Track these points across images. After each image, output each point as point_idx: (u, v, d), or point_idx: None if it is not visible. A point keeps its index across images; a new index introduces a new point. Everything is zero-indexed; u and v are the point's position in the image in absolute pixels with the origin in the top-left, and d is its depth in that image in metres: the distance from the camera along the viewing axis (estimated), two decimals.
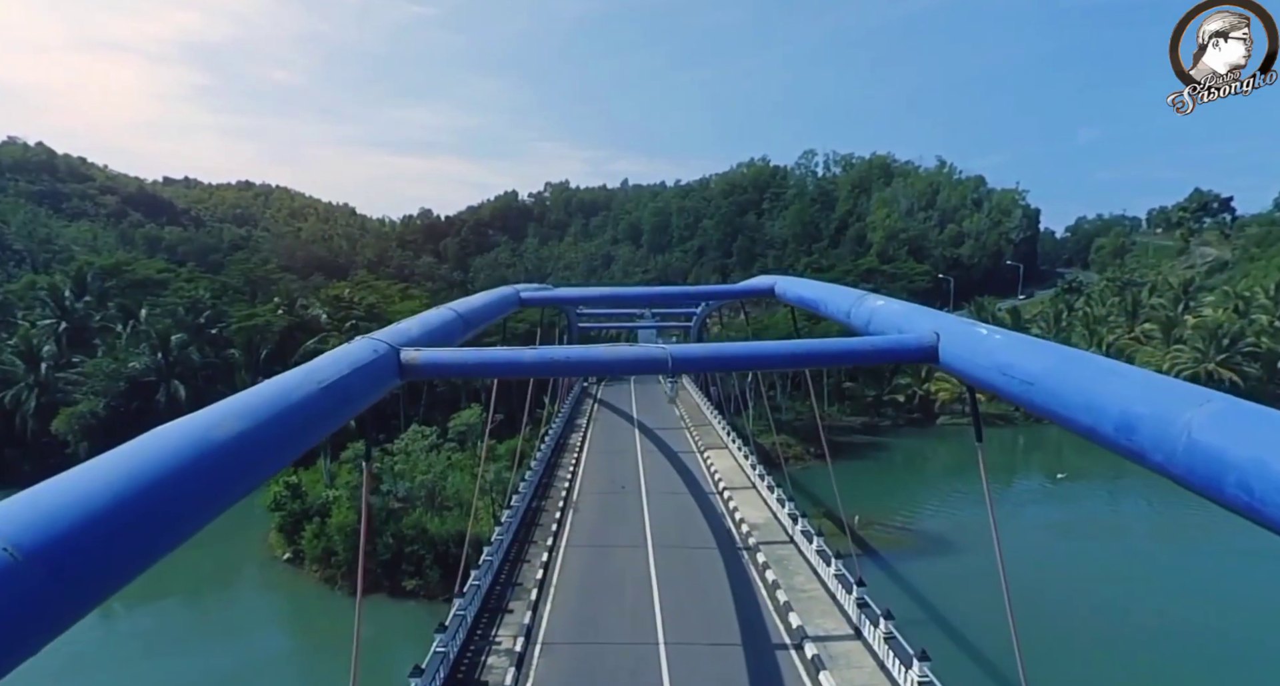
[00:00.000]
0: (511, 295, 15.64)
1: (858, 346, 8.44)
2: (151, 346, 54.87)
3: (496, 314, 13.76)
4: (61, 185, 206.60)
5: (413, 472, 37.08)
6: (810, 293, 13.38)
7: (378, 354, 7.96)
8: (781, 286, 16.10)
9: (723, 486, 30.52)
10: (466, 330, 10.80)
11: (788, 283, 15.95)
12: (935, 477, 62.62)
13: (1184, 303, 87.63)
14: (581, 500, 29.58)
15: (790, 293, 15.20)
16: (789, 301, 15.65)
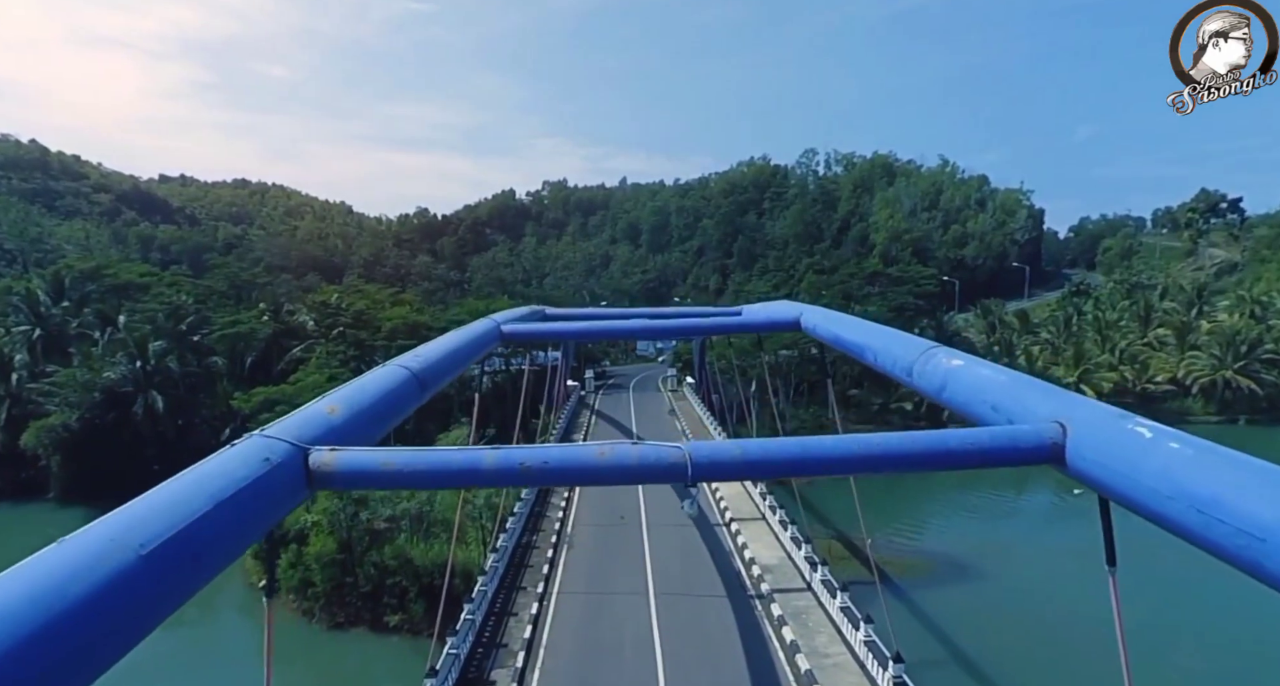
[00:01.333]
0: (490, 331, 13.21)
1: (946, 444, 5.98)
2: (129, 354, 52.44)
3: (469, 358, 11.46)
4: (54, 183, 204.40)
5: (398, 494, 34.74)
6: (851, 334, 10.97)
7: (270, 464, 5.58)
8: (810, 319, 13.60)
9: (729, 517, 28.15)
10: (425, 391, 8.52)
11: (818, 315, 13.50)
12: (946, 492, 60.29)
13: (1198, 307, 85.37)
14: (577, 534, 27.23)
15: (822, 328, 12.70)
16: (820, 339, 13.26)
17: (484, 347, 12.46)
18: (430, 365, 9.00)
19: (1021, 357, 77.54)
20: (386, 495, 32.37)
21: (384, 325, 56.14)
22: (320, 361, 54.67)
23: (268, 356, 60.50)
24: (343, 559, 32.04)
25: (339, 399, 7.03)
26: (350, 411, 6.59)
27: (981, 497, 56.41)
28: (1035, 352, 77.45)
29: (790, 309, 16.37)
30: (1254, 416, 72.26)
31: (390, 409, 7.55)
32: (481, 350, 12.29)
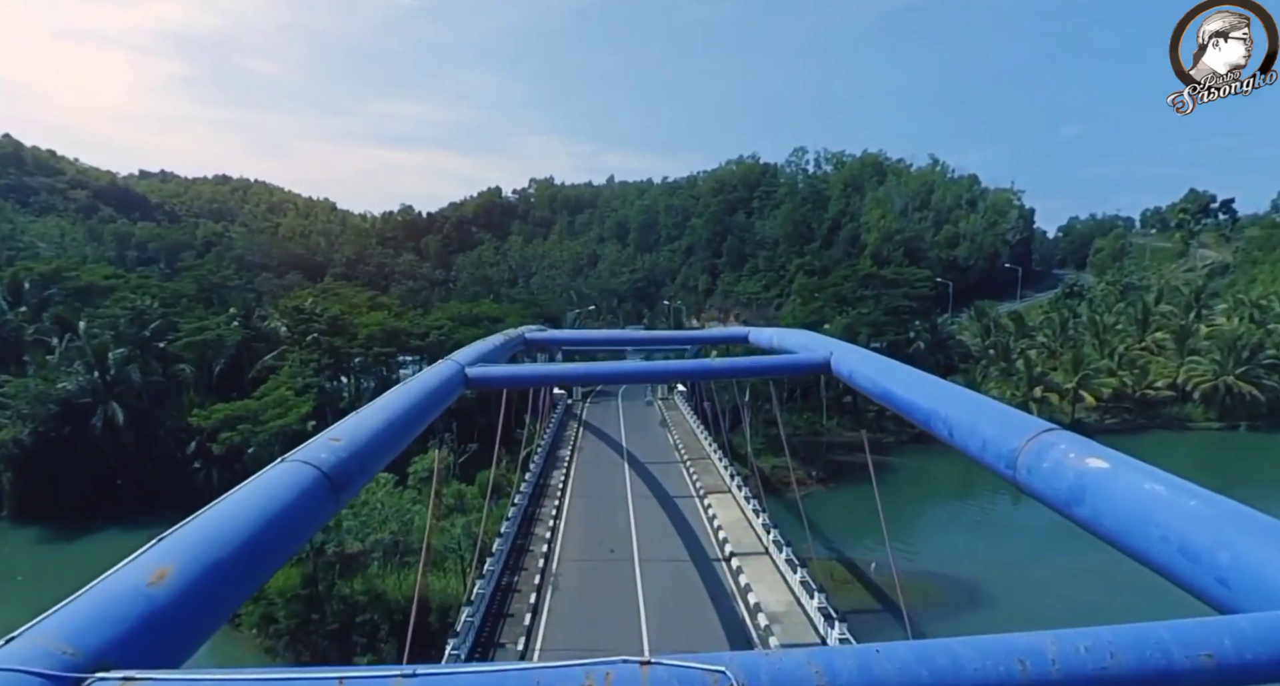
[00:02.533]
0: (453, 377, 10.57)
1: None
2: (87, 363, 49.42)
3: (422, 421, 8.95)
4: (29, 179, 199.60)
5: (371, 520, 32.14)
6: (910, 391, 8.39)
7: None
8: (845, 363, 10.81)
9: (730, 551, 25.79)
10: (340, 495, 6.14)
11: (854, 358, 10.79)
12: (948, 504, 58.35)
13: (1196, 310, 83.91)
14: (562, 571, 24.78)
15: (863, 377, 9.98)
16: (859, 389, 10.69)
17: (444, 401, 10.04)
18: (357, 451, 6.58)
19: (1019, 362, 75.79)
20: (353, 526, 29.78)
21: (360, 331, 53.38)
22: (292, 370, 51.85)
23: (238, 364, 57.61)
24: (307, 594, 29.44)
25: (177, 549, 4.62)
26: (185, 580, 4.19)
27: (981, 510, 54.48)
28: (1033, 357, 75.63)
29: (813, 344, 13.64)
30: (1255, 423, 70.86)
31: (258, 553, 5.20)
32: (440, 405, 9.87)
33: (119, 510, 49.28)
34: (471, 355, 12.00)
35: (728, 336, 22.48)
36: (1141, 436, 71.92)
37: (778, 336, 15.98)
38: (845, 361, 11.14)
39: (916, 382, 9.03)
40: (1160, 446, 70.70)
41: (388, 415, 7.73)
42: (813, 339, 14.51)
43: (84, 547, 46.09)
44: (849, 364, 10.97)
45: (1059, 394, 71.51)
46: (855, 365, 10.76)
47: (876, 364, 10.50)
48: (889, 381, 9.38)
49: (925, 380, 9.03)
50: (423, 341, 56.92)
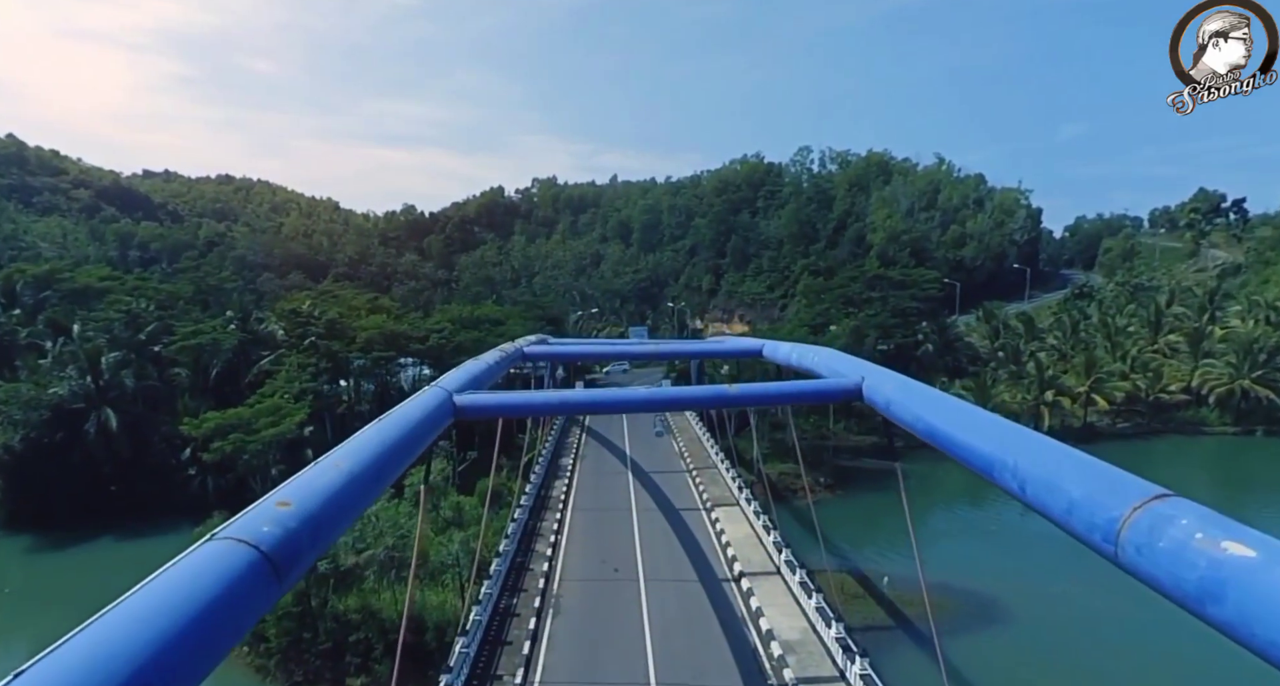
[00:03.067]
0: (440, 406, 9.47)
1: None
2: (80, 368, 48.38)
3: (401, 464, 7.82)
4: (31, 179, 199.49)
5: (366, 533, 30.98)
6: (967, 432, 7.19)
7: None
8: (881, 390, 9.57)
9: (739, 570, 24.57)
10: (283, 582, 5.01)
11: (890, 385, 9.35)
12: (959, 512, 56.96)
13: (1209, 312, 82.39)
14: (564, 593, 23.59)
15: (903, 409, 8.60)
16: (898, 423, 9.30)
17: (428, 436, 8.88)
18: (310, 518, 5.41)
19: (1030, 365, 74.44)
20: (346, 541, 28.62)
21: (359, 335, 52.23)
22: (290, 374, 50.75)
23: (235, 367, 56.58)
24: (299, 611, 28.31)
25: None
26: None
27: (995, 518, 53.11)
28: (1043, 359, 74.25)
29: (840, 365, 12.27)
30: (1272, 428, 69.38)
31: None
32: (424, 441, 8.72)
33: (112, 518, 48.29)
34: (462, 379, 10.79)
35: (740, 350, 20.97)
36: (1155, 441, 70.58)
37: (797, 353, 14.69)
38: (880, 389, 9.90)
39: (975, 421, 7.72)
40: (1174, 452, 69.33)
41: (360, 459, 6.60)
42: (839, 360, 13.12)
43: (75, 556, 45.07)
44: (885, 392, 9.72)
45: (1071, 397, 70.17)
46: (892, 394, 9.51)
47: (919, 394, 9.23)
48: (936, 416, 8.13)
49: (985, 419, 7.74)
50: (423, 345, 55.76)
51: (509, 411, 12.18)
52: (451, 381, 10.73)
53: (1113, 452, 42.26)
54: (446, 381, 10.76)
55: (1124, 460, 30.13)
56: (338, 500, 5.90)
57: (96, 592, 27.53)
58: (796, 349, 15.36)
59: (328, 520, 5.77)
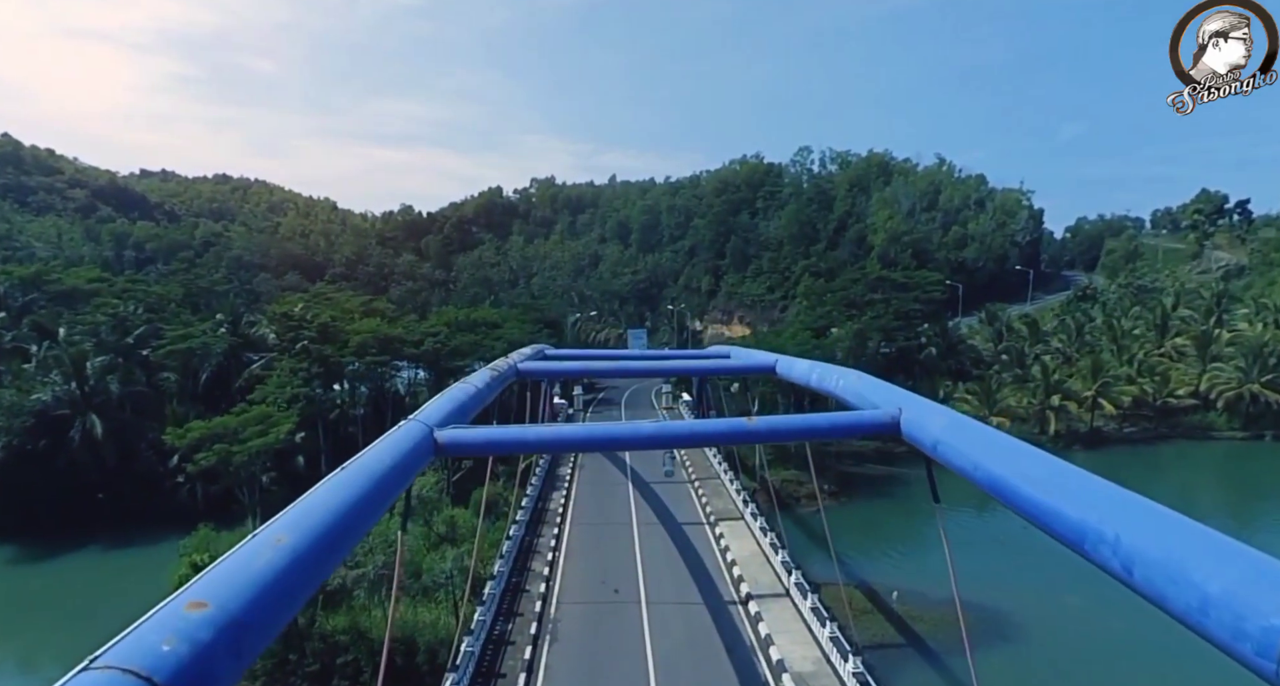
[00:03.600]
0: (420, 443, 8.30)
1: None
2: (64, 373, 47.07)
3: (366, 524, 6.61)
4: (27, 178, 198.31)
5: (356, 550, 29.74)
6: (1048, 491, 5.72)
7: None
8: (925, 426, 8.23)
9: (746, 592, 23.35)
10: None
11: (941, 422, 8.01)
12: (967, 519, 55.66)
13: (1216, 315, 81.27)
14: (561, 617, 22.36)
15: (953, 450, 7.39)
16: (950, 467, 7.90)
17: (406, 479, 7.68)
18: (234, 622, 4.19)
19: (1034, 368, 73.30)
20: None
21: (352, 339, 50.94)
22: (281, 379, 49.49)
23: (226, 372, 55.29)
24: (285, 631, 27.04)
25: None
26: None
27: (1004, 527, 51.84)
28: (1048, 363, 73.10)
29: (871, 392, 10.90)
30: None
31: None
32: (402, 484, 7.53)
33: (98, 527, 47.02)
34: (445, 410, 9.51)
35: (752, 367, 19.64)
36: (1162, 446, 69.47)
37: (817, 374, 13.29)
38: (924, 425, 8.59)
39: (1056, 476, 6.27)
40: (1182, 457, 68.20)
41: (312, 527, 5.35)
42: (869, 386, 11.61)
43: (58, 568, 43.77)
44: (930, 429, 8.38)
45: (1077, 402, 69.04)
46: (941, 432, 8.16)
47: (975, 435, 7.82)
48: (1003, 465, 6.71)
49: (1069, 473, 6.29)
50: (417, 349, 54.50)
51: (498, 448, 10.87)
52: (433, 413, 9.44)
53: (1120, 458, 41.05)
54: (427, 413, 9.48)
55: (1132, 465, 28.64)
56: (274, 591, 4.60)
57: (77, 607, 25.99)
58: (817, 369, 13.89)
59: (259, 621, 4.47)
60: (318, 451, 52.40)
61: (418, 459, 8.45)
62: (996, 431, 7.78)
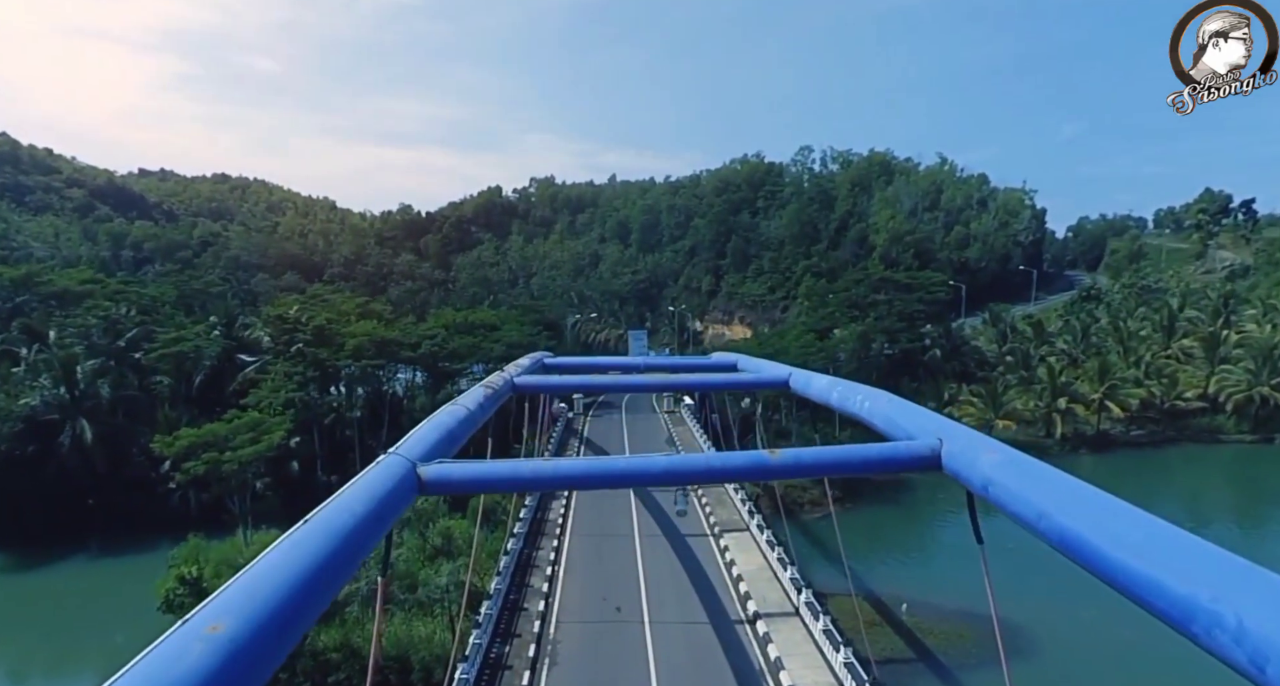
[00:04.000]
0: (403, 481, 7.15)
1: None
2: (54, 377, 46.11)
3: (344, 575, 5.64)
4: (25, 177, 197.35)
5: None
6: (1138, 553, 4.49)
7: None
8: (975, 461, 6.62)
9: (754, 610, 22.40)
10: None
11: (993, 458, 6.43)
12: (966, 522, 54.75)
13: (1224, 316, 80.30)
14: (561, 637, 21.43)
15: (1006, 491, 6.62)
16: (1003, 509, 6.79)
17: (385, 524, 6.74)
18: None
19: (1040, 370, 72.37)
20: None
21: (348, 342, 49.96)
22: (275, 383, 48.54)
23: (220, 375, 54.32)
24: None
25: None
26: None
27: (1013, 534, 50.86)
28: (1054, 365, 72.16)
29: (899, 414, 9.74)
30: None
31: None
32: (380, 531, 6.58)
33: (89, 533, 46.13)
34: (431, 440, 8.46)
35: (764, 382, 18.62)
36: (1169, 449, 68.59)
37: (839, 392, 12.24)
38: (971, 460, 7.43)
39: (1152, 537, 5.08)
40: (1191, 461, 67.32)
41: (255, 609, 4.37)
42: (899, 409, 10.38)
43: (48, 576, 42.87)
44: (979, 466, 7.21)
45: (1084, 405, 68.09)
46: (992, 471, 7.02)
47: (1037, 477, 6.62)
48: (1077, 518, 5.44)
49: (1167, 534, 5.18)
50: (414, 352, 53.52)
51: (490, 485, 9.87)
52: (417, 444, 8.40)
53: (1128, 462, 39.69)
54: (410, 444, 8.43)
55: (1141, 469, 27.28)
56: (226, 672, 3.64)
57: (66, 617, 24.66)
58: (838, 386, 12.85)
59: None
60: (313, 456, 51.47)
61: (398, 501, 7.47)
62: (1062, 473, 6.70)
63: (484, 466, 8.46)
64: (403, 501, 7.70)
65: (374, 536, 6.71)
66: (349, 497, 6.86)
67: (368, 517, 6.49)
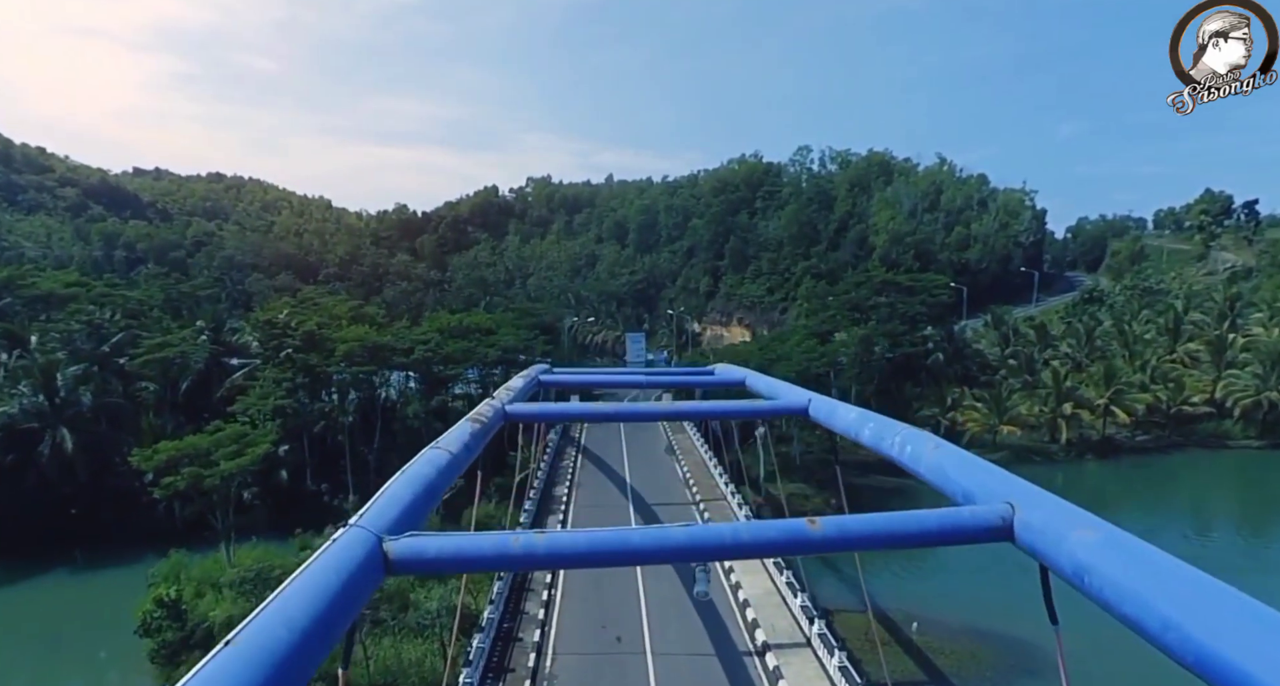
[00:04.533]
0: (368, 558, 5.76)
1: None
2: (34, 384, 44.68)
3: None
4: (17, 176, 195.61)
5: None
6: None
7: None
8: (1082, 552, 5.00)
9: (762, 641, 21.12)
10: None
11: (1103, 542, 5.16)
12: None
13: (1230, 319, 79.21)
14: (558, 671, 20.12)
15: (1154, 620, 4.56)
16: (1172, 654, 5.47)
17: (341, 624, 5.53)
18: None
19: (1045, 375, 71.22)
20: None
21: (339, 348, 48.58)
22: (264, 389, 47.17)
23: (207, 381, 52.92)
24: None
25: None
26: None
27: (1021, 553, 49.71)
28: (1059, 370, 70.99)
29: (958, 470, 8.43)
30: None
31: None
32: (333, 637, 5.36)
33: (71, 545, 44.71)
34: (401, 503, 7.00)
35: (780, 410, 17.31)
36: (1175, 455, 67.55)
37: (872, 429, 10.76)
38: (1056, 536, 5.95)
39: None
40: (1197, 467, 66.28)
41: None
42: (953, 459, 8.71)
43: (26, 591, 41.44)
44: (1068, 545, 5.70)
45: (1090, 410, 66.95)
46: (1088, 553, 5.36)
47: (1154, 567, 5.17)
48: (1221, 633, 4.34)
49: None
50: (407, 358, 52.13)
51: (471, 565, 8.10)
52: (383, 514, 6.88)
53: (1134, 468, 38.15)
54: (375, 514, 6.88)
55: (1147, 476, 25.64)
56: None
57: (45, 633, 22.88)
58: (870, 422, 11.24)
59: None
60: (303, 464, 50.08)
61: (358, 589, 6.09)
62: (1190, 567, 5.31)
63: (464, 541, 7.09)
64: (364, 588, 6.38)
65: (333, 630, 5.44)
66: (301, 586, 5.59)
67: (323, 614, 5.24)
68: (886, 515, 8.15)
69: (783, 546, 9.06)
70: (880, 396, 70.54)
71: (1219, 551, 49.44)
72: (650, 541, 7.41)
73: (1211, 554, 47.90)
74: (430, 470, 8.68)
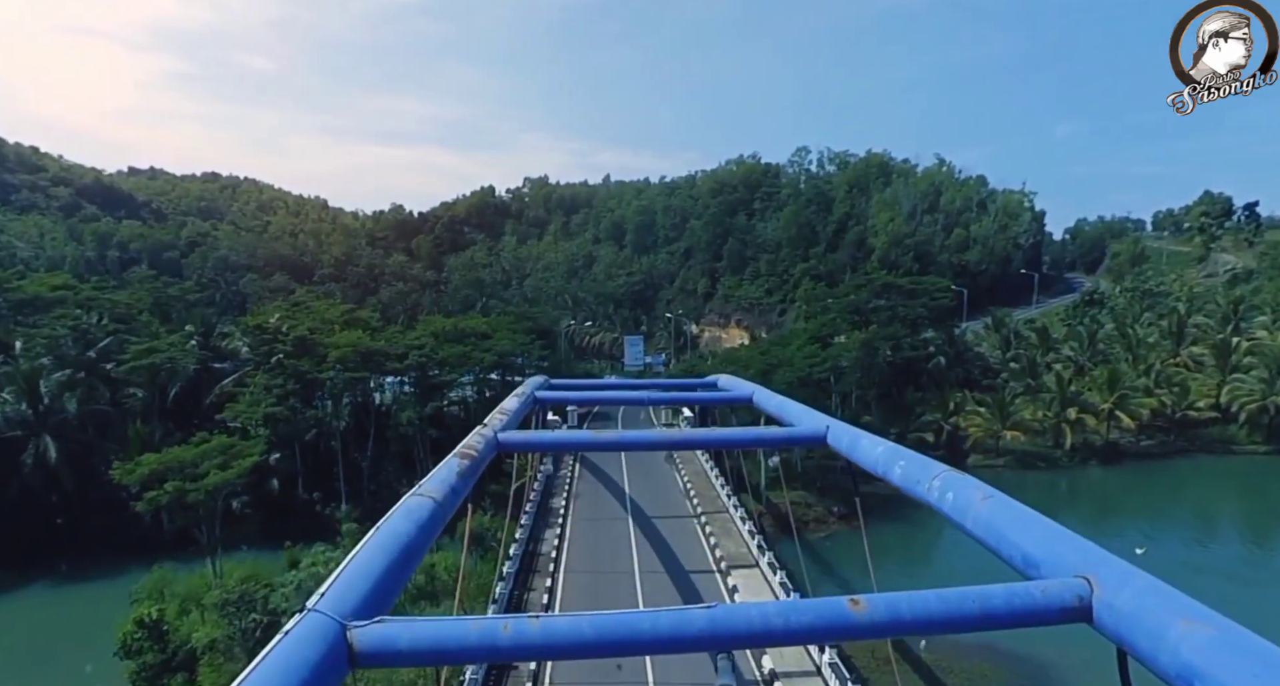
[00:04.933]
0: (328, 644, 5.13)
1: None
2: (17, 391, 43.55)
3: None
4: (9, 176, 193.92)
5: None
6: None
7: None
8: (1184, 649, 4.85)
9: (770, 669, 20.15)
10: None
11: (1218, 645, 4.66)
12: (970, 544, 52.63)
13: (1234, 323, 78.40)
14: None
15: None
16: None
17: None
18: None
19: (1049, 379, 70.36)
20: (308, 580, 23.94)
21: (331, 353, 47.49)
22: (254, 396, 46.09)
23: (197, 387, 51.82)
24: None
25: None
26: None
27: None
28: (1063, 374, 70.12)
29: (1014, 528, 7.20)
30: None
31: None
32: None
33: (57, 556, 43.60)
34: (370, 578, 5.84)
35: (796, 439, 16.19)
36: (1180, 460, 66.71)
37: (903, 468, 9.57)
38: (1159, 625, 4.87)
39: None
40: (1202, 473, 65.44)
41: None
42: (1003, 510, 7.55)
43: (9, 603, 40.31)
44: (1172, 639, 4.66)
45: (1094, 414, 66.07)
46: (1194, 651, 4.17)
47: (1266, 659, 4.43)
48: None
49: None
50: (401, 363, 51.04)
51: (451, 656, 7.11)
52: (348, 590, 5.72)
53: (1139, 474, 36.93)
54: (336, 596, 5.67)
55: (1152, 481, 24.38)
56: None
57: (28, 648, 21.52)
58: (901, 458, 9.95)
59: None
60: (294, 472, 49.03)
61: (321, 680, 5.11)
62: (1265, 643, 4.40)
63: (444, 628, 6.03)
64: (326, 683, 5.35)
65: None
66: None
67: None
68: (940, 592, 7.09)
69: (821, 632, 7.99)
70: (881, 401, 69.63)
71: (1225, 560, 48.61)
72: (665, 628, 6.32)
73: (1218, 563, 47.09)
74: (408, 528, 7.56)
